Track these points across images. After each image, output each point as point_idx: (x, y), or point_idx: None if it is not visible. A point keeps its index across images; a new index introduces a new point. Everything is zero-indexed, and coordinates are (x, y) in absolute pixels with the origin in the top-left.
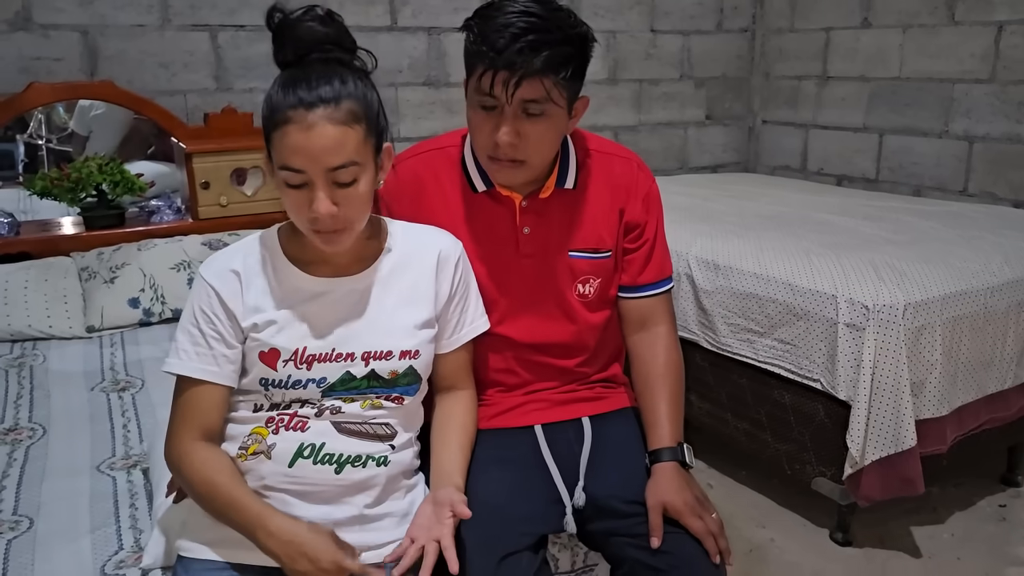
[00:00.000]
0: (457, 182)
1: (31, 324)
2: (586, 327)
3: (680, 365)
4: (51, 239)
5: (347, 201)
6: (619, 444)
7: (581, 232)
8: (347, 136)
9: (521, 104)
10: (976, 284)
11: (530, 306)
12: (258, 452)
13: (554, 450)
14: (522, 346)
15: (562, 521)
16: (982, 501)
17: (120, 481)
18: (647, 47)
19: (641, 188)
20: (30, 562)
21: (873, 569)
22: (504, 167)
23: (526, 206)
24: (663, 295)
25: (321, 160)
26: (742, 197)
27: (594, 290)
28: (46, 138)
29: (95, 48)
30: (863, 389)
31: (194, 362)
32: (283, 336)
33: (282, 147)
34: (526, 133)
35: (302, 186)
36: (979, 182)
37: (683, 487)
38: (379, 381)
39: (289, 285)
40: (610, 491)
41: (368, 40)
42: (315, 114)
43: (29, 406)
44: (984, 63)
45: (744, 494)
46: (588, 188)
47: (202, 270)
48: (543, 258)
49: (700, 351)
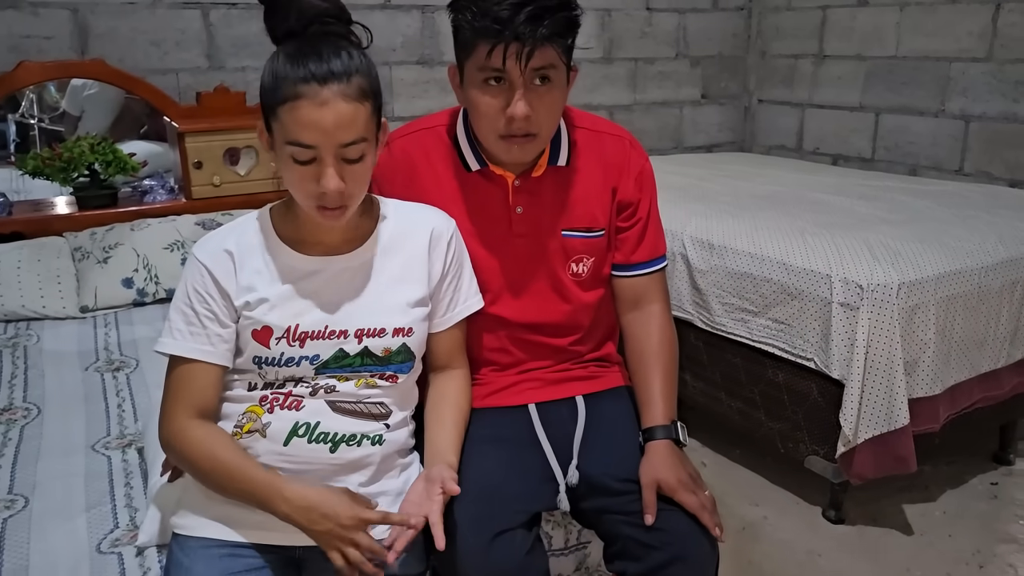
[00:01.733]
0: (449, 161)
1: (24, 304)
2: (579, 306)
3: (674, 343)
4: (44, 219)
5: (353, 177)
6: (612, 422)
7: (574, 211)
8: (359, 112)
9: (532, 74)
10: (970, 263)
11: (523, 285)
12: (253, 430)
13: (548, 429)
14: (515, 325)
15: (555, 499)
16: (974, 479)
17: (115, 460)
18: (643, 25)
19: (634, 166)
20: (26, 540)
21: (865, 546)
22: (518, 143)
23: (519, 185)
24: (657, 273)
25: (334, 136)
26: (737, 177)
27: (587, 269)
28: (38, 117)
29: (86, 26)
30: (856, 368)
31: (188, 342)
32: (276, 314)
33: (292, 122)
34: (537, 104)
35: (310, 162)
36: (975, 161)
37: (676, 465)
38: (372, 359)
39: (282, 264)
40: (603, 469)
41: (361, 18)
42: (329, 89)
43: (23, 386)
44: (981, 41)
45: (737, 472)
46: (580, 166)
47: (195, 250)
48: (536, 237)
49: (694, 330)
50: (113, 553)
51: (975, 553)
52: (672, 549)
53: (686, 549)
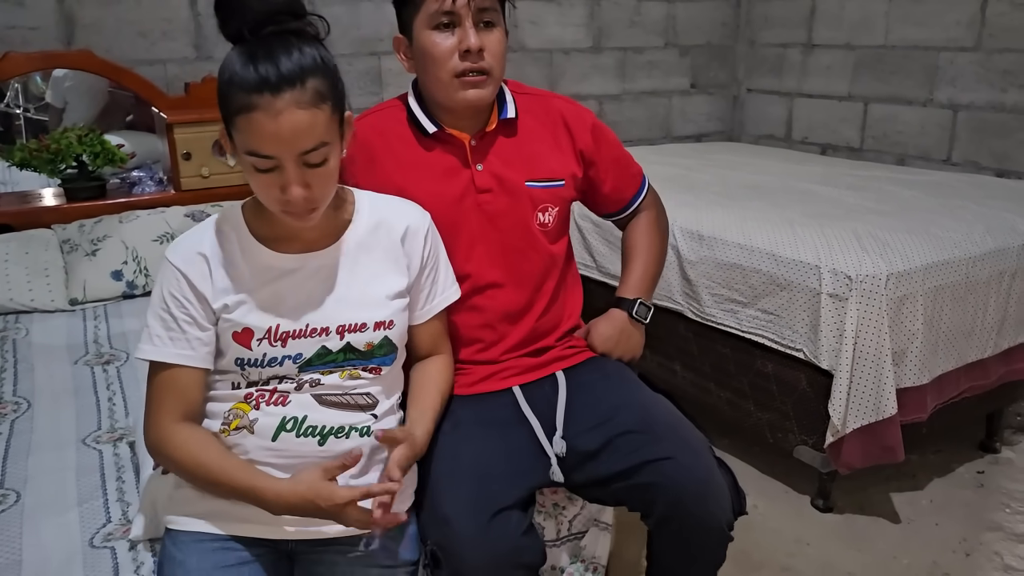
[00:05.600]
0: (405, 136)
1: (12, 297)
2: (548, 257)
3: (659, 236)
4: (31, 211)
5: (318, 181)
6: (592, 391)
7: (533, 162)
8: (316, 118)
9: (478, 15)
10: (958, 254)
11: (493, 241)
12: (240, 427)
13: (533, 406)
14: (489, 285)
15: (548, 473)
16: (961, 468)
17: (107, 454)
18: (631, 15)
19: (585, 121)
20: (18, 535)
21: (853, 534)
22: (474, 82)
23: (475, 145)
24: (645, 197)
25: (292, 145)
26: (726, 167)
27: (553, 219)
28: (23, 107)
29: (71, 16)
30: (845, 358)
31: (168, 347)
32: (255, 315)
33: (249, 133)
34: (486, 42)
35: (271, 170)
36: (963, 151)
37: (615, 328)
38: (355, 353)
39: (258, 264)
40: (588, 440)
41: (350, 8)
42: (282, 100)
43: (13, 380)
44: (969, 31)
45: (727, 462)
46: (529, 123)
47: (168, 254)
48: (501, 192)
49: (684, 321)
50: (106, 547)
51: (962, 541)
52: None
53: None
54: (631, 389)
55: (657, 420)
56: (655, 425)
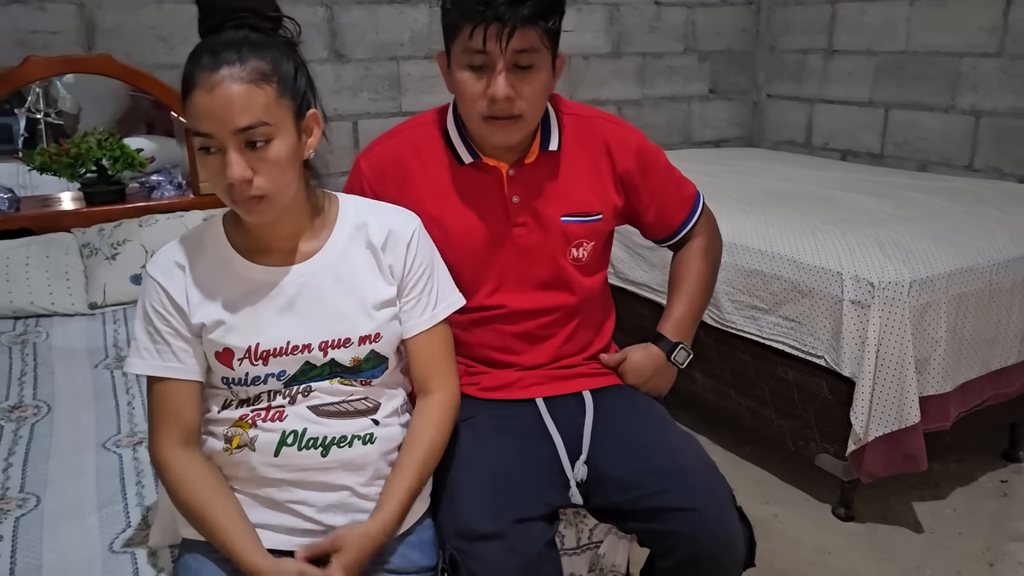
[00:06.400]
0: (441, 157)
1: (33, 301)
2: (580, 291)
3: (706, 274)
4: (52, 215)
5: (262, 166)
6: (621, 419)
7: (570, 196)
8: (253, 94)
9: (513, 56)
10: (981, 261)
11: (524, 274)
12: (242, 445)
13: (557, 421)
14: (517, 314)
15: (567, 494)
16: (984, 477)
17: (126, 458)
18: (651, 20)
19: (629, 144)
20: (39, 539)
21: (875, 544)
22: (502, 126)
23: (513, 175)
24: (699, 220)
25: (226, 121)
26: (746, 173)
27: (587, 253)
28: (44, 112)
29: (92, 21)
30: (867, 366)
31: (156, 360)
32: (234, 335)
33: (191, 113)
34: (520, 86)
35: (216, 152)
36: (985, 157)
37: (651, 367)
38: (341, 368)
39: (235, 276)
40: (611, 466)
41: (369, 12)
42: (218, 75)
43: (33, 383)
44: (992, 37)
45: (747, 470)
46: (572, 151)
47: (148, 266)
48: (535, 226)
49: (704, 328)
50: (126, 552)
51: (985, 551)
52: (686, 551)
53: (701, 546)
54: (662, 426)
55: (687, 466)
56: (684, 473)
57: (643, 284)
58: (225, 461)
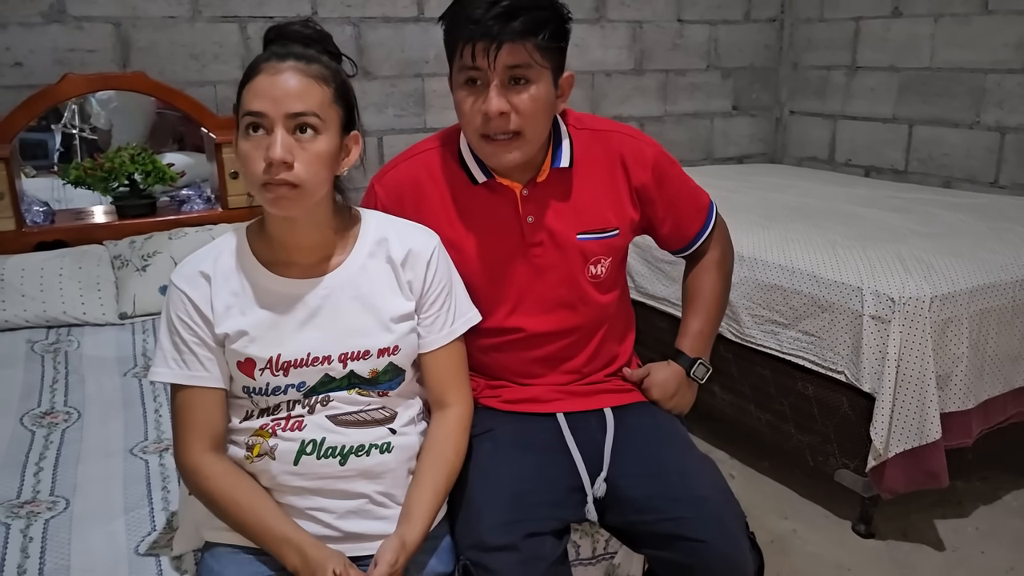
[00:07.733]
0: (455, 178)
1: (66, 311)
2: (598, 309)
3: (723, 281)
4: (85, 227)
5: (303, 155)
6: (642, 438)
7: (586, 213)
8: (312, 88)
9: (506, 71)
10: (1005, 277)
11: (542, 294)
12: (262, 454)
13: (577, 437)
14: (536, 336)
15: (583, 509)
16: (1008, 495)
17: (152, 464)
18: (674, 37)
19: (646, 157)
20: (67, 541)
21: (896, 561)
22: (500, 145)
23: (527, 194)
24: (713, 230)
25: (282, 103)
26: (768, 189)
27: (605, 270)
28: (79, 128)
29: (127, 39)
30: (888, 381)
31: (183, 369)
32: (256, 345)
33: (248, 95)
34: (515, 102)
35: (261, 132)
36: (1010, 174)
37: (674, 384)
38: (360, 379)
39: (259, 288)
40: (629, 486)
41: (395, 30)
42: (285, 64)
43: (64, 391)
44: (1018, 52)
45: (766, 485)
46: (585, 167)
47: (173, 276)
48: (551, 245)
49: (723, 342)
50: (151, 556)
51: (1008, 571)
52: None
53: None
54: (683, 450)
55: (704, 494)
56: (702, 501)
57: (662, 298)
58: (246, 469)
